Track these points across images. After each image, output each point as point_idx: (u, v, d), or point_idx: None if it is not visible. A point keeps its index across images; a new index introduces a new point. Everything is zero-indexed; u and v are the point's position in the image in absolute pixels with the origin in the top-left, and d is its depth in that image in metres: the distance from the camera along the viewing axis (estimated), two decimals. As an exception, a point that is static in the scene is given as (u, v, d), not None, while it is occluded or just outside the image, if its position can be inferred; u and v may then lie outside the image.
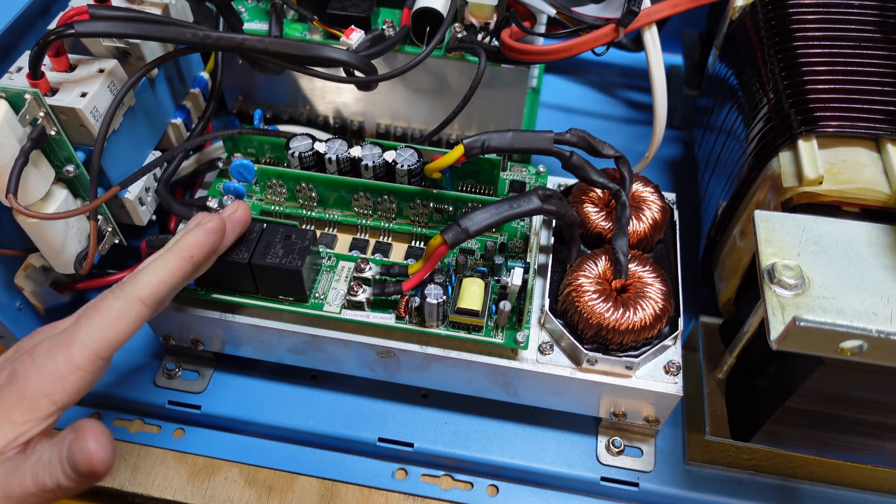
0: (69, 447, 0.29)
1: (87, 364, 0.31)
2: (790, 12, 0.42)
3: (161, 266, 0.34)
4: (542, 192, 0.38)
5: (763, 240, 0.33)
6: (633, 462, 0.44)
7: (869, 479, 0.43)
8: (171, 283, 0.34)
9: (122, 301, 0.32)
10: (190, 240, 0.35)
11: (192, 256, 0.35)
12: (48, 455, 0.29)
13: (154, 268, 0.34)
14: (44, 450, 0.29)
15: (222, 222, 0.37)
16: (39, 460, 0.29)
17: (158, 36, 0.39)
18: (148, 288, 0.33)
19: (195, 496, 0.44)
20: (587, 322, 0.38)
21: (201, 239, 0.36)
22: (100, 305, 0.32)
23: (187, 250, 0.35)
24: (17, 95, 0.36)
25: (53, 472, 0.29)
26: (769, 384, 0.40)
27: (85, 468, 0.28)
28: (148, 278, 0.33)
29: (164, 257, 0.35)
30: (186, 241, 0.35)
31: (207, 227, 0.36)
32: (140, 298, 0.33)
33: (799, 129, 0.37)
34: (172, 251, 0.35)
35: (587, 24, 0.44)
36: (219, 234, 0.36)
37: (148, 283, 0.33)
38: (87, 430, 0.29)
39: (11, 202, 0.36)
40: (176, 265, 0.34)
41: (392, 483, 0.45)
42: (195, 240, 0.35)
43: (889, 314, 0.30)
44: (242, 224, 0.39)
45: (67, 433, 0.29)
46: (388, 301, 0.40)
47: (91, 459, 0.28)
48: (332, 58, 0.41)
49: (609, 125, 0.65)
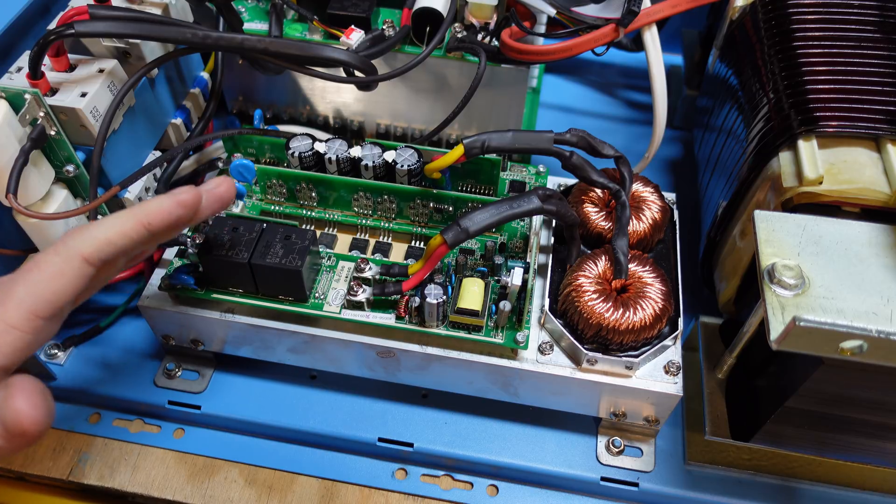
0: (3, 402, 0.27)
1: (23, 323, 0.28)
2: (790, 12, 0.42)
3: (112, 224, 0.31)
4: (542, 192, 0.38)
5: (763, 240, 0.33)
6: (633, 462, 0.44)
7: (869, 479, 0.43)
8: (120, 245, 0.31)
9: (61, 256, 0.30)
10: (153, 206, 0.32)
11: (150, 224, 0.32)
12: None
13: (104, 225, 0.31)
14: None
15: (197, 197, 0.33)
16: None
17: (158, 36, 0.39)
18: (93, 244, 0.30)
19: (195, 496, 0.44)
20: (587, 322, 0.38)
21: (166, 208, 0.32)
22: (39, 261, 0.30)
23: (147, 216, 0.31)
24: (17, 95, 0.36)
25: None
26: (769, 384, 0.40)
27: (14, 427, 0.27)
28: (94, 234, 0.30)
29: (119, 216, 0.31)
30: (149, 207, 0.32)
31: (178, 199, 0.32)
32: (82, 254, 0.30)
33: (799, 129, 0.37)
34: (131, 212, 0.32)
35: (587, 24, 0.44)
36: (188, 210, 0.33)
37: (93, 239, 0.30)
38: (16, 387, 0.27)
39: (11, 202, 0.36)
40: (129, 227, 0.31)
41: (392, 483, 0.45)
42: (159, 207, 0.32)
43: (889, 314, 0.30)
44: (222, 202, 0.35)
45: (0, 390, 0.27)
46: (388, 301, 0.40)
47: (19, 418, 0.27)
48: (332, 58, 0.41)
49: (609, 125, 0.65)
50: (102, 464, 0.45)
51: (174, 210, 0.32)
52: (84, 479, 0.45)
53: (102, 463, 0.45)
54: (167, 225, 0.32)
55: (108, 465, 0.45)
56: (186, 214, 0.33)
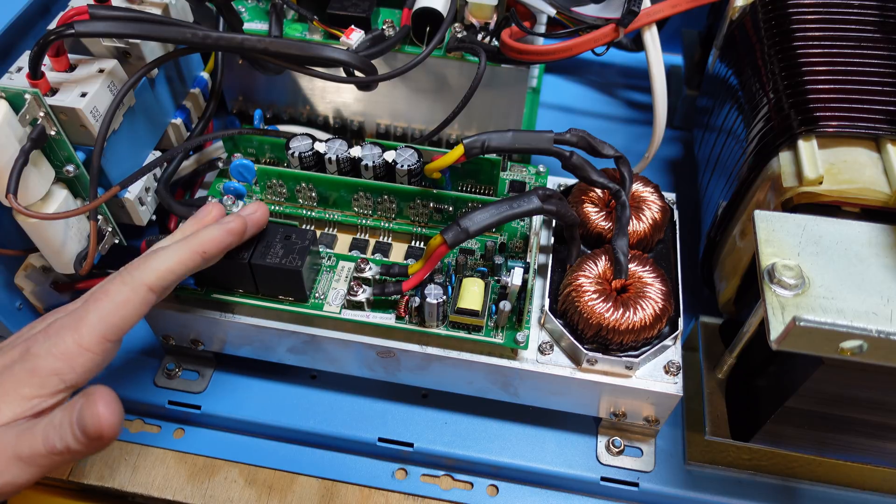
0: (80, 410, 0.29)
1: (94, 346, 0.32)
2: (790, 12, 0.42)
3: (172, 255, 0.34)
4: (542, 192, 0.38)
5: (763, 240, 0.33)
6: (633, 462, 0.44)
7: (869, 479, 0.43)
8: (180, 273, 0.35)
9: (129, 286, 0.33)
10: (207, 235, 0.36)
11: (205, 252, 0.35)
12: (59, 418, 0.30)
13: (165, 255, 0.34)
14: (55, 414, 0.30)
15: (243, 225, 0.37)
16: (51, 423, 0.30)
17: (158, 36, 0.39)
18: (156, 274, 0.34)
19: (195, 496, 0.44)
20: (587, 322, 0.38)
21: (217, 237, 0.36)
22: (108, 289, 0.33)
23: (203, 245, 0.35)
24: (17, 95, 0.36)
25: (63, 435, 0.29)
26: (769, 384, 0.40)
27: (94, 430, 0.29)
28: (157, 265, 0.34)
29: (177, 247, 0.35)
30: (204, 237, 0.36)
31: (228, 228, 0.37)
32: (147, 284, 0.33)
33: (799, 129, 0.37)
34: (187, 242, 0.35)
35: (587, 24, 0.44)
36: (237, 237, 0.37)
37: (156, 270, 0.34)
38: (97, 395, 0.30)
39: (11, 202, 0.36)
40: (187, 257, 0.35)
41: (392, 483, 0.45)
42: (212, 237, 0.36)
43: (889, 314, 0.30)
44: (259, 227, 0.39)
45: (79, 398, 0.30)
46: (388, 301, 0.40)
47: (100, 422, 0.29)
48: (332, 58, 0.41)
49: (609, 125, 0.65)
50: (102, 464, 0.45)
51: (225, 238, 0.36)
52: (84, 479, 0.45)
53: (102, 463, 0.45)
54: (219, 252, 0.37)
55: (108, 465, 0.45)
56: (235, 241, 0.37)
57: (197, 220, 0.39)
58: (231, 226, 0.37)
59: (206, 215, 0.39)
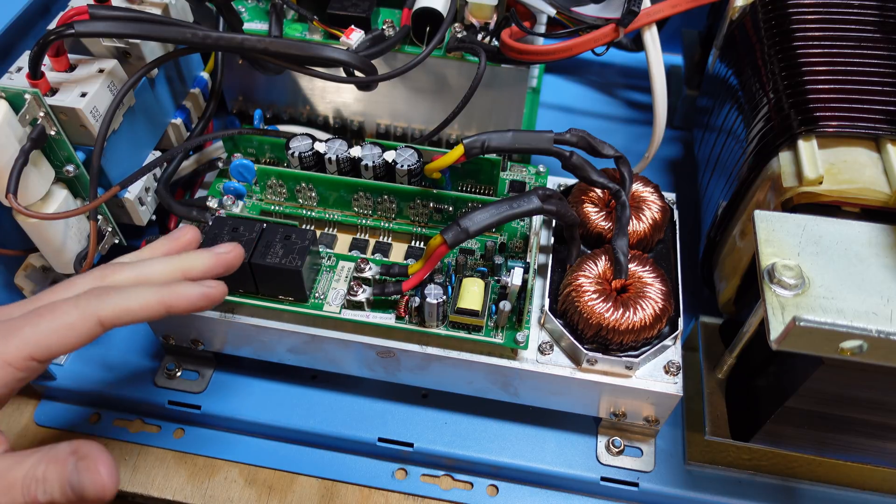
0: (78, 472, 0.28)
1: (18, 362, 0.29)
2: (790, 12, 0.42)
3: (138, 298, 0.31)
4: (542, 192, 0.38)
5: (763, 240, 0.33)
6: (633, 462, 0.44)
7: (869, 479, 0.43)
8: (139, 318, 0.31)
9: (80, 311, 0.30)
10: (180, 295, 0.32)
11: (171, 308, 0.32)
12: (42, 471, 0.28)
13: (133, 296, 0.31)
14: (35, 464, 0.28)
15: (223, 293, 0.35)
16: (32, 476, 0.28)
17: (158, 36, 0.39)
18: (114, 312, 0.31)
19: (195, 496, 0.44)
20: (587, 322, 0.38)
21: (192, 299, 0.33)
22: (56, 309, 0.30)
23: (171, 301, 0.32)
24: (17, 95, 0.36)
25: (49, 490, 0.28)
26: (769, 384, 0.40)
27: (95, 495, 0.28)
28: (120, 301, 0.31)
29: (146, 292, 0.32)
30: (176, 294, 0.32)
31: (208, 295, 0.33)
32: (100, 318, 0.30)
33: (799, 129, 0.37)
34: (159, 293, 0.32)
35: (587, 24, 0.44)
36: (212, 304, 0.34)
37: (116, 307, 0.31)
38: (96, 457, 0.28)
39: (11, 202, 0.36)
40: (153, 306, 0.32)
41: (392, 483, 0.45)
42: (186, 299, 0.33)
43: (889, 314, 0.30)
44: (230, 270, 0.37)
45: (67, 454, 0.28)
46: (388, 301, 0.40)
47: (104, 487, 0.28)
48: (332, 58, 0.41)
49: (609, 125, 0.65)
50: (102, 464, 0.45)
51: (198, 303, 0.33)
52: (84, 479, 0.45)
53: (102, 463, 0.45)
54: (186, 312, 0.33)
55: (108, 465, 0.45)
56: (207, 307, 0.34)
57: (170, 241, 0.37)
58: (213, 293, 0.34)
59: (180, 237, 0.37)
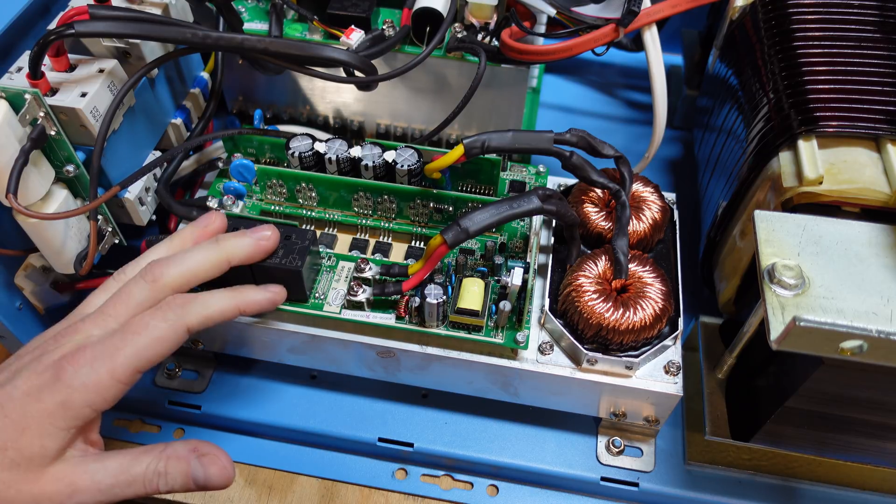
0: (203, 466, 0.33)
1: (127, 378, 0.32)
2: (790, 12, 0.42)
3: (217, 304, 0.36)
4: (542, 192, 0.38)
5: (763, 240, 0.33)
6: (633, 462, 0.44)
7: (869, 479, 0.43)
8: (217, 322, 0.36)
9: (169, 324, 0.33)
10: (252, 297, 0.37)
11: (244, 310, 0.37)
12: (164, 466, 0.32)
13: (211, 302, 0.35)
14: (154, 461, 0.33)
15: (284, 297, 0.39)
16: (154, 471, 0.32)
17: (158, 36, 0.39)
18: (199, 319, 0.34)
19: (195, 496, 0.44)
20: (587, 322, 0.38)
21: (262, 305, 0.38)
22: (148, 323, 0.33)
23: (244, 305, 0.37)
24: (17, 95, 0.36)
25: (171, 482, 0.32)
26: (769, 384, 0.40)
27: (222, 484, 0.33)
28: (203, 310, 0.35)
29: (224, 296, 0.36)
30: (248, 296, 0.37)
31: (274, 301, 0.38)
32: (188, 326, 0.34)
33: (799, 129, 0.37)
34: (233, 296, 0.36)
35: (587, 24, 0.44)
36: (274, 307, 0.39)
37: (199, 315, 0.34)
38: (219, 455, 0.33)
39: (11, 202, 0.36)
40: (229, 311, 0.36)
41: (392, 483, 0.45)
42: (258, 304, 0.37)
43: (889, 314, 0.30)
44: None
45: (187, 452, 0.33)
46: (388, 301, 0.40)
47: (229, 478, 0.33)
48: (332, 58, 0.41)
49: (609, 125, 0.65)
50: (102, 464, 0.45)
51: (266, 308, 0.38)
52: (84, 479, 0.45)
53: (102, 463, 0.45)
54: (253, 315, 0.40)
55: (108, 465, 0.45)
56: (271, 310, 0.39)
57: (198, 227, 0.39)
58: (276, 297, 0.38)
59: (208, 224, 0.39)
